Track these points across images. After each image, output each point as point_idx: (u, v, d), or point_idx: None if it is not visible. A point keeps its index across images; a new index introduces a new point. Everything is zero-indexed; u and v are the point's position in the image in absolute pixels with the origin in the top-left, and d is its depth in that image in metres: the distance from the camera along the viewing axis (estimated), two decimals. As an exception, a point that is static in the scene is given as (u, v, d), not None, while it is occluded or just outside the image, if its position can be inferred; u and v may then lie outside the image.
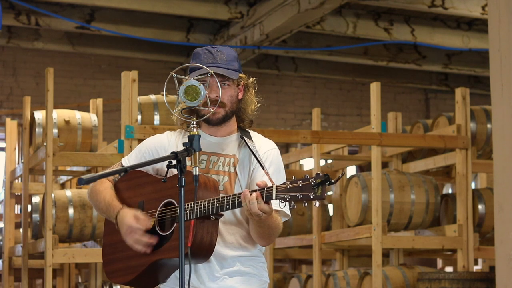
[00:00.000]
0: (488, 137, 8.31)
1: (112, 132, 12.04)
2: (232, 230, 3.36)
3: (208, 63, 3.37)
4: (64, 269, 9.30)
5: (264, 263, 3.47)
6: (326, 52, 12.91)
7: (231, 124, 3.45)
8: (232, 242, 3.35)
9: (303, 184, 2.99)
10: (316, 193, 2.97)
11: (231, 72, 3.38)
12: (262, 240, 3.34)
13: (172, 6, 11.21)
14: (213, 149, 3.42)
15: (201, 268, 3.33)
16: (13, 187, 9.16)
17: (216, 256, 3.31)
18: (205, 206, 3.18)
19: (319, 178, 2.97)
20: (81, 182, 2.96)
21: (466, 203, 7.93)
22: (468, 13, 11.27)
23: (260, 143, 3.43)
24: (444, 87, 14.59)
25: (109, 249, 3.43)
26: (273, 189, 3.05)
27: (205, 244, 3.21)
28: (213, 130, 3.44)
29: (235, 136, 3.45)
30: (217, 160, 3.40)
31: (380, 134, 7.81)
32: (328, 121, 14.29)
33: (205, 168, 3.38)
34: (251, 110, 3.48)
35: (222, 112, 3.39)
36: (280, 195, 3.03)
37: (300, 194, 2.99)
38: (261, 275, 3.43)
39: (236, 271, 3.35)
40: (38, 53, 12.93)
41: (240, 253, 3.36)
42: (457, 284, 7.32)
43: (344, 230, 8.28)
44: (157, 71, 13.28)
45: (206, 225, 3.21)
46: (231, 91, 3.41)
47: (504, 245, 6.11)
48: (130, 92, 7.26)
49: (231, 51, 3.46)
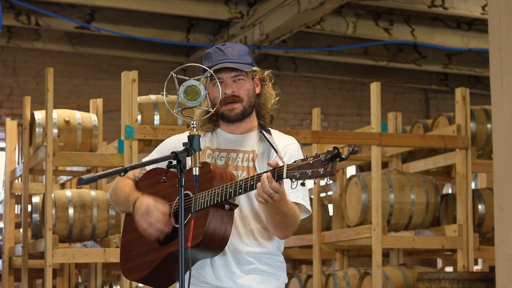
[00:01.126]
0: (488, 137, 8.31)
1: (112, 132, 12.04)
2: (249, 225, 3.30)
3: (219, 60, 3.36)
4: (64, 269, 9.30)
5: (283, 263, 3.41)
6: (326, 52, 12.91)
7: (251, 121, 3.43)
8: (249, 237, 3.30)
9: (314, 161, 2.93)
10: (326, 169, 2.90)
11: (243, 65, 3.37)
12: (278, 231, 3.25)
13: (172, 6, 11.21)
14: (233, 146, 3.40)
15: (218, 263, 3.28)
16: (13, 187, 9.17)
17: (232, 252, 3.27)
18: (218, 193, 3.14)
19: (329, 153, 2.90)
20: (81, 182, 2.96)
21: (466, 203, 7.93)
22: (468, 13, 11.27)
23: (280, 139, 3.39)
24: (444, 87, 14.59)
25: (126, 247, 3.41)
26: (284, 167, 2.99)
27: (218, 235, 3.16)
28: (233, 127, 3.42)
29: (255, 133, 3.42)
30: (236, 157, 3.37)
31: (380, 134, 7.81)
32: (328, 121, 14.30)
33: (224, 165, 3.35)
34: (271, 104, 3.46)
35: (240, 107, 3.37)
36: (290, 173, 2.96)
37: (310, 170, 2.92)
38: (278, 274, 3.37)
39: (252, 269, 3.30)
40: (38, 53, 12.93)
41: (258, 249, 3.31)
42: (457, 284, 7.32)
43: (344, 230, 8.28)
44: (157, 71, 13.28)
45: (220, 215, 3.16)
46: (246, 85, 3.39)
47: (504, 245, 6.11)
48: (130, 92, 7.26)
49: (243, 46, 3.46)
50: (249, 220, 3.31)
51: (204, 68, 3.31)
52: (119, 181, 3.46)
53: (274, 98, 3.49)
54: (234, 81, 3.38)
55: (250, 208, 3.32)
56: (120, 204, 3.41)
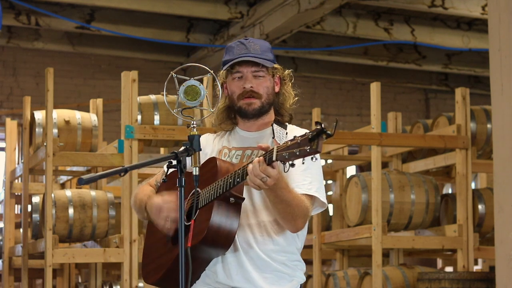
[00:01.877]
0: (488, 137, 8.31)
1: (112, 132, 12.04)
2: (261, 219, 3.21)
3: (241, 54, 3.32)
4: (64, 269, 9.30)
5: (300, 262, 3.31)
6: (326, 52, 12.91)
7: (268, 117, 3.37)
8: (262, 233, 3.21)
9: (301, 140, 2.84)
10: (312, 146, 2.80)
11: (265, 61, 3.32)
12: (286, 222, 3.14)
13: (172, 6, 11.20)
14: (248, 144, 3.35)
15: (230, 261, 3.20)
16: (13, 187, 9.17)
17: (245, 248, 3.19)
18: (220, 185, 3.09)
19: (315, 131, 2.81)
20: (81, 182, 2.96)
21: (466, 203, 7.93)
22: (468, 13, 11.27)
23: (294, 132, 3.28)
24: (444, 87, 14.59)
25: (146, 252, 3.39)
26: (274, 150, 2.91)
27: (223, 231, 3.09)
28: (249, 125, 3.37)
29: (270, 129, 3.33)
30: (251, 154, 3.32)
31: (380, 134, 7.81)
32: (328, 121, 14.29)
33: (239, 163, 3.28)
34: (290, 104, 3.41)
35: (258, 103, 3.32)
36: (280, 154, 2.88)
37: (297, 150, 2.83)
38: (293, 275, 3.27)
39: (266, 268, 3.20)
40: (38, 53, 12.92)
41: (271, 246, 3.21)
42: (457, 284, 7.32)
43: (344, 230, 8.28)
44: (157, 71, 13.28)
45: (225, 210, 3.10)
46: (266, 82, 3.34)
47: (504, 245, 6.11)
48: (130, 92, 7.26)
49: (265, 42, 3.40)
50: (261, 212, 3.22)
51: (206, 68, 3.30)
52: (139, 189, 3.43)
53: (293, 98, 3.42)
54: (254, 77, 3.32)
55: (262, 200, 3.23)
56: (139, 212, 3.38)
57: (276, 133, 3.23)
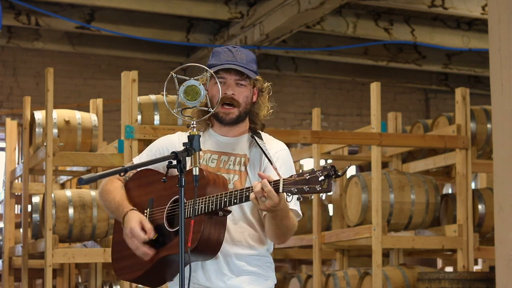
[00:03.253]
0: (488, 137, 8.31)
1: (112, 132, 12.04)
2: (241, 229, 3.35)
3: (227, 61, 3.37)
4: (64, 269, 9.30)
5: (272, 263, 3.46)
6: (326, 52, 12.90)
7: (244, 125, 3.46)
8: (240, 240, 3.34)
9: (310, 177, 2.97)
10: (322, 186, 2.94)
11: (250, 72, 3.39)
12: (276, 239, 3.34)
13: (172, 6, 11.20)
14: (224, 149, 3.42)
15: (209, 265, 3.32)
16: (13, 187, 9.16)
17: (224, 254, 3.31)
18: (212, 201, 3.17)
19: (325, 171, 2.94)
20: (81, 182, 2.96)
21: (466, 203, 7.93)
22: (468, 13, 11.27)
23: (271, 144, 3.43)
24: (444, 87, 14.59)
25: (118, 246, 3.43)
26: (280, 182, 3.04)
27: (212, 240, 3.20)
28: (225, 130, 3.44)
29: (246, 136, 3.45)
30: (227, 159, 3.40)
31: (380, 134, 7.81)
32: (328, 121, 14.29)
33: (215, 167, 3.38)
34: (263, 115, 3.49)
35: (236, 112, 3.40)
36: (287, 188, 3.01)
37: (306, 186, 2.97)
38: (268, 275, 3.42)
39: (243, 270, 3.35)
40: (38, 53, 12.92)
41: (248, 252, 3.36)
42: (457, 284, 7.32)
43: (344, 230, 8.28)
44: (157, 71, 13.28)
45: (214, 221, 3.20)
46: (246, 92, 3.42)
47: (504, 245, 6.11)
48: (130, 92, 7.26)
49: (251, 53, 3.47)
50: (241, 225, 3.36)
51: (205, 67, 3.31)
52: (109, 183, 3.47)
53: (268, 110, 3.51)
54: (237, 85, 3.39)
55: (241, 213, 3.36)
56: (110, 210, 3.44)
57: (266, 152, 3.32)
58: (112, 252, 3.46)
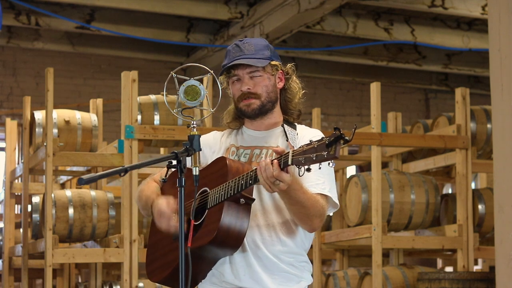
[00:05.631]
0: (488, 137, 8.31)
1: (112, 132, 12.04)
2: (270, 220, 3.22)
3: (235, 57, 3.33)
4: (64, 269, 9.30)
5: (307, 263, 3.32)
6: (326, 52, 12.90)
7: (274, 117, 3.38)
8: (270, 234, 3.21)
9: (318, 145, 2.85)
10: (329, 152, 2.81)
11: (257, 61, 3.32)
12: (302, 222, 3.16)
13: (172, 6, 11.20)
14: (257, 143, 3.36)
15: (238, 261, 3.20)
16: (13, 187, 9.17)
17: (253, 249, 3.19)
18: (231, 186, 3.08)
19: (333, 136, 2.82)
20: (81, 182, 2.95)
21: (466, 203, 7.93)
22: (468, 13, 11.27)
23: (304, 132, 3.34)
24: (444, 87, 14.59)
25: (151, 249, 3.39)
26: (289, 154, 2.91)
27: (233, 231, 3.09)
28: (256, 124, 3.38)
29: (279, 129, 3.37)
30: (259, 153, 3.33)
31: (380, 134, 7.81)
32: (328, 121, 14.29)
33: (247, 161, 3.30)
34: (298, 98, 3.44)
35: (257, 103, 3.32)
36: (295, 158, 2.88)
37: (314, 155, 2.84)
38: (301, 276, 3.28)
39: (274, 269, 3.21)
40: (38, 53, 12.92)
41: (279, 248, 3.22)
42: (457, 284, 7.32)
43: (344, 230, 8.28)
44: (157, 71, 13.28)
45: (236, 210, 3.09)
46: (264, 81, 3.35)
47: (504, 245, 6.11)
48: (130, 92, 7.26)
49: (261, 40, 3.40)
50: (271, 214, 3.22)
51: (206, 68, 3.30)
52: (144, 184, 3.44)
53: (300, 92, 3.45)
54: (251, 78, 3.33)
55: (272, 201, 3.24)
56: (143, 208, 3.40)
57: (289, 134, 3.25)
58: (146, 255, 3.41)
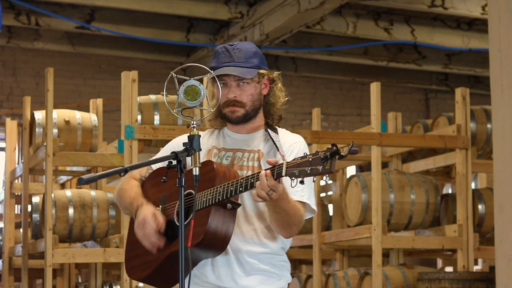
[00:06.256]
0: (488, 137, 8.31)
1: (112, 132, 12.04)
2: (253, 225, 3.29)
3: (224, 63, 3.34)
4: (64, 269, 9.30)
5: (286, 262, 3.38)
6: (326, 52, 12.91)
7: (257, 121, 3.41)
8: (252, 237, 3.28)
9: (313, 158, 2.89)
10: (325, 167, 2.85)
11: (247, 70, 3.33)
12: (282, 229, 3.23)
13: (172, 6, 11.21)
14: (239, 146, 3.39)
15: (219, 263, 3.27)
16: (13, 187, 9.16)
17: (234, 251, 3.26)
18: (219, 191, 3.13)
19: (328, 151, 2.86)
20: (81, 182, 2.96)
21: (466, 203, 7.93)
22: (468, 13, 11.27)
23: (286, 138, 3.38)
24: (444, 87, 14.59)
25: (130, 247, 3.42)
26: (283, 165, 2.96)
27: (220, 234, 3.14)
28: (238, 127, 3.41)
29: (262, 132, 3.41)
30: (241, 156, 3.36)
31: (380, 134, 7.81)
32: (328, 121, 14.30)
33: (229, 164, 3.34)
34: (280, 105, 3.44)
35: (241, 111, 3.35)
36: (289, 170, 2.93)
37: (309, 168, 2.88)
38: (281, 274, 3.35)
39: (254, 269, 3.28)
40: (38, 53, 12.93)
41: (260, 249, 3.29)
42: (457, 284, 7.32)
43: (344, 230, 8.28)
44: (157, 71, 13.28)
45: (222, 214, 3.14)
46: (251, 90, 3.36)
47: (504, 245, 6.11)
48: (130, 92, 7.26)
49: (251, 46, 3.40)
50: (253, 219, 3.29)
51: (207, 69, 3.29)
52: (125, 182, 3.46)
53: (283, 98, 3.46)
54: (238, 85, 3.35)
55: (254, 207, 3.30)
56: (125, 208, 3.43)
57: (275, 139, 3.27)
58: (125, 252, 3.44)
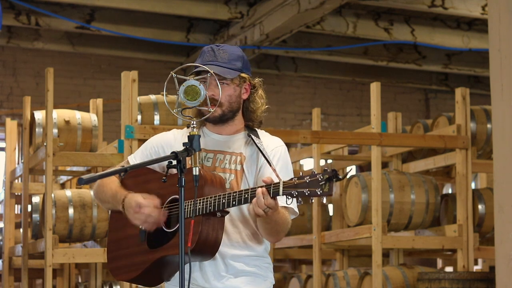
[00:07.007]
0: (488, 137, 8.31)
1: (112, 132, 12.04)
2: (238, 229, 3.34)
3: (208, 61, 3.35)
4: (64, 269, 9.30)
5: (270, 264, 3.44)
6: (326, 52, 12.90)
7: (236, 123, 3.42)
8: (238, 241, 3.33)
9: (311, 180, 2.94)
10: (323, 189, 2.91)
11: (228, 71, 3.34)
12: (270, 236, 3.32)
13: (172, 6, 11.21)
14: (219, 147, 3.39)
15: (207, 267, 3.31)
16: (13, 187, 9.17)
17: (221, 255, 3.30)
18: (211, 202, 3.15)
19: (326, 174, 2.91)
20: (81, 182, 2.96)
21: (466, 203, 7.93)
22: (468, 13, 11.27)
23: (267, 141, 3.40)
24: (444, 87, 14.59)
25: (114, 246, 3.41)
26: (280, 185, 3.01)
27: (210, 241, 3.19)
28: (218, 128, 3.41)
29: (242, 134, 3.42)
30: (223, 158, 3.37)
31: (380, 134, 7.81)
32: (328, 121, 14.29)
33: (211, 166, 3.36)
34: (260, 112, 3.45)
35: (218, 111, 3.35)
36: (287, 191, 2.98)
37: (307, 190, 2.93)
38: (266, 275, 3.40)
39: (241, 271, 3.33)
40: (38, 53, 12.93)
41: (245, 252, 3.34)
42: (457, 284, 7.32)
43: (344, 230, 8.28)
44: (157, 71, 13.28)
45: (212, 222, 3.19)
46: (229, 91, 3.36)
47: (504, 245, 6.11)
48: (130, 92, 7.26)
49: (236, 50, 3.41)
50: (238, 225, 3.34)
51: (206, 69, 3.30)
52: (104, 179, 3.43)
53: (263, 106, 3.46)
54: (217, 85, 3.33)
55: (239, 213, 3.34)
56: (107, 201, 3.40)
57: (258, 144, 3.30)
58: (107, 251, 3.44)
